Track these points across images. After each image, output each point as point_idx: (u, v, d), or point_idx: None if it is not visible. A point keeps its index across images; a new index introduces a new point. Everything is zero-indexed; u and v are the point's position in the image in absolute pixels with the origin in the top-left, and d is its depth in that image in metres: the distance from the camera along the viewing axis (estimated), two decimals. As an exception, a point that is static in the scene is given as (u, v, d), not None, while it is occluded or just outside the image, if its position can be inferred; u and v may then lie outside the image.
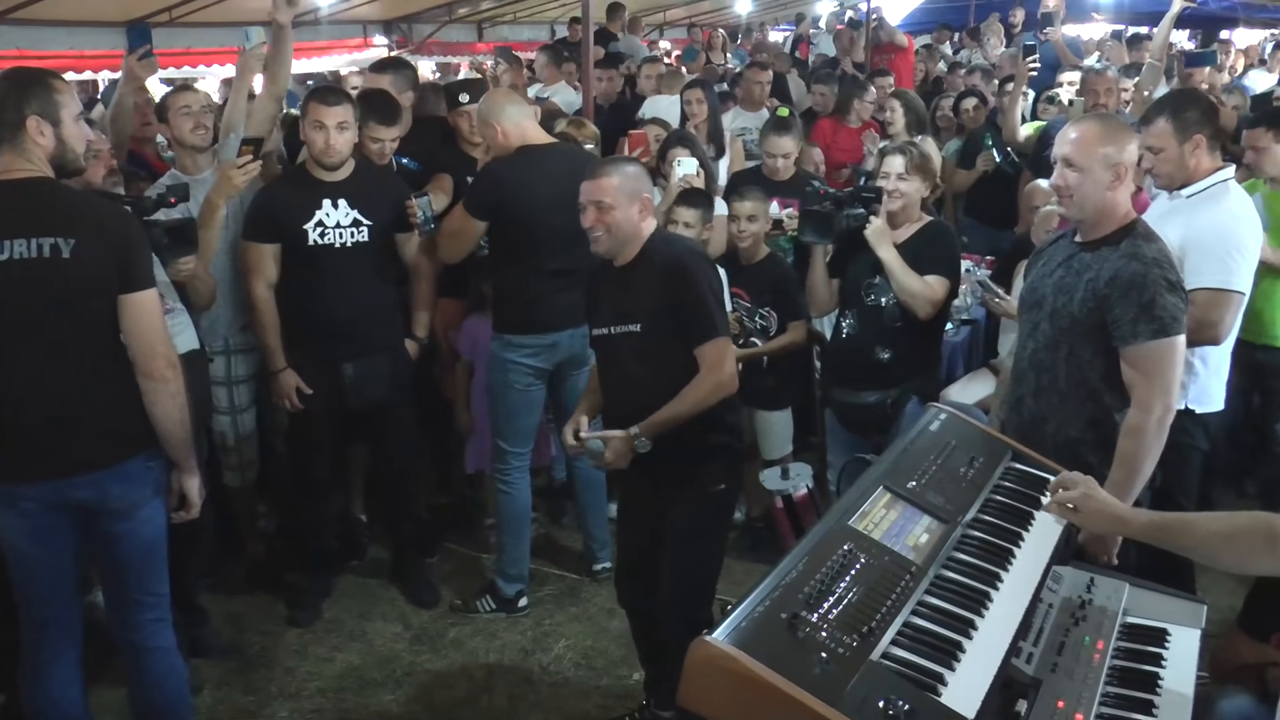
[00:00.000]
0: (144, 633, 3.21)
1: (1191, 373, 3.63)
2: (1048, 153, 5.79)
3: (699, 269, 3.31)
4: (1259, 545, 2.16)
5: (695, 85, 6.53)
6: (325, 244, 4.21)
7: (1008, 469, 2.70)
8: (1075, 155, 3.06)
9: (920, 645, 1.93)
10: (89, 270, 2.89)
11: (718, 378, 3.25)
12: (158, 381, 3.01)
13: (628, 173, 3.37)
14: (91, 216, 2.97)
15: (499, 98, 4.43)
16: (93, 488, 3.01)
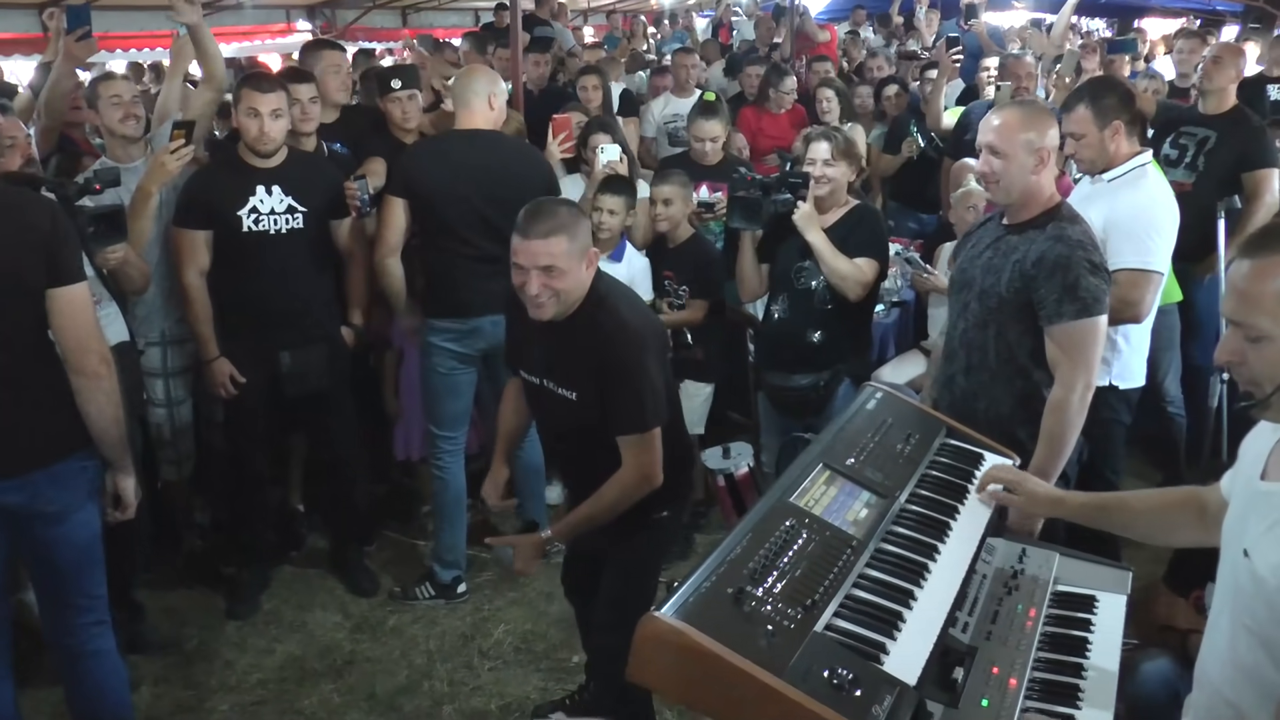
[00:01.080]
0: (82, 636, 3.10)
1: (1115, 350, 3.75)
2: (968, 137, 5.97)
3: (632, 350, 2.95)
4: (1189, 518, 2.29)
5: (592, 72, 6.58)
6: (260, 231, 4.17)
7: (943, 445, 2.77)
8: (998, 142, 3.15)
9: (862, 616, 1.98)
10: (11, 264, 2.75)
11: (641, 472, 2.97)
12: (90, 379, 2.88)
13: (573, 226, 2.95)
14: (19, 213, 2.83)
15: (469, 71, 4.41)
16: (22, 491, 2.88)
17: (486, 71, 4.45)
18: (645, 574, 3.25)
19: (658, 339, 3.16)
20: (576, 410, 3.04)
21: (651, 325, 3.17)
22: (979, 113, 6.16)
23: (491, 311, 4.27)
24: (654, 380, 2.97)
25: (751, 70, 7.82)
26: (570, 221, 2.95)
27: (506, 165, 4.25)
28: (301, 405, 4.44)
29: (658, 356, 3.06)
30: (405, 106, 4.90)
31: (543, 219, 2.93)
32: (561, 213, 2.99)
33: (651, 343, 3.05)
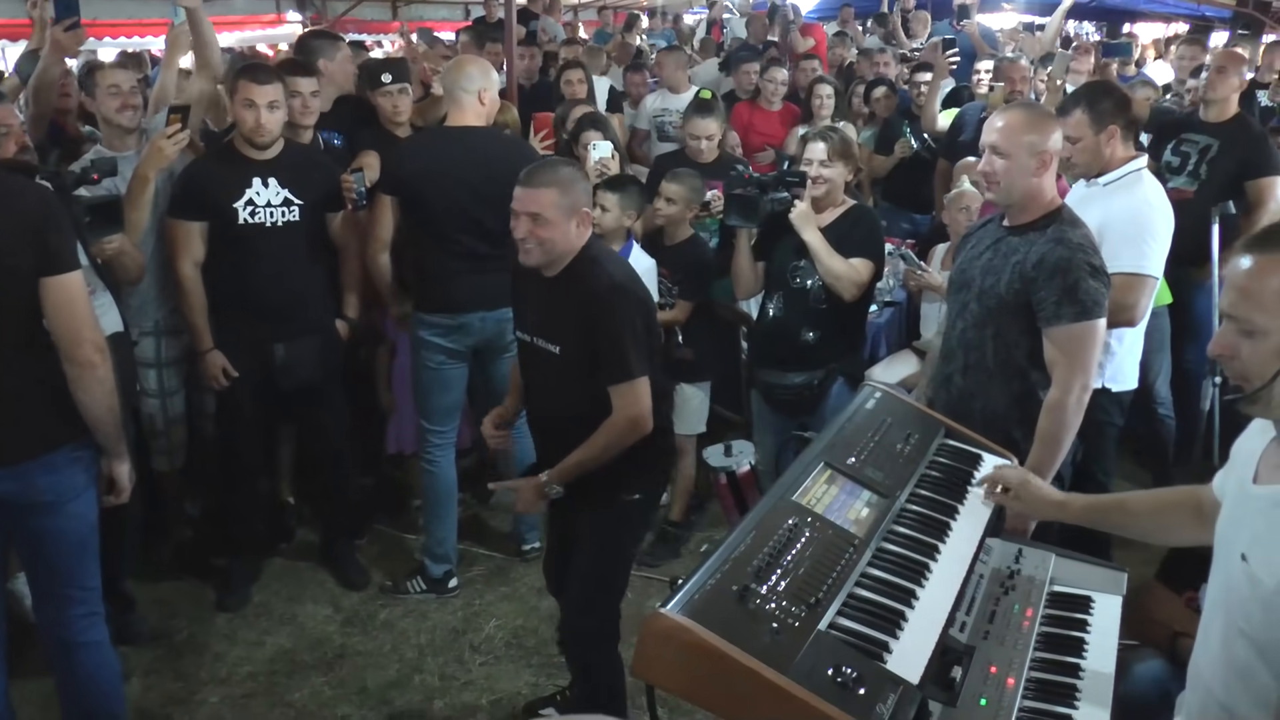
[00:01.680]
0: (75, 628, 3.09)
1: (1108, 353, 3.77)
2: (962, 138, 6.00)
3: (621, 305, 3.09)
4: (1187, 518, 2.31)
5: (575, 65, 6.58)
6: (255, 223, 4.16)
7: (941, 445, 2.78)
8: (1001, 143, 3.16)
9: (865, 615, 1.99)
10: (9, 252, 2.73)
11: (630, 418, 3.09)
12: (84, 368, 2.86)
13: (568, 184, 3.10)
14: (9, 196, 2.81)
15: (462, 64, 4.35)
16: (15, 481, 2.87)
17: (478, 64, 4.42)
18: (615, 556, 3.37)
19: (645, 305, 3.22)
20: (558, 366, 3.18)
21: (641, 293, 3.23)
22: (973, 114, 6.20)
23: (480, 308, 4.27)
24: (639, 335, 3.10)
25: (746, 67, 7.83)
26: (567, 179, 3.13)
27: (497, 163, 4.18)
28: (294, 397, 4.43)
29: (644, 319, 3.16)
30: (396, 100, 4.89)
31: (541, 172, 3.14)
32: (561, 170, 3.18)
33: (638, 306, 3.15)
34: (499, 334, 4.34)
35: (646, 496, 3.39)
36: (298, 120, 4.49)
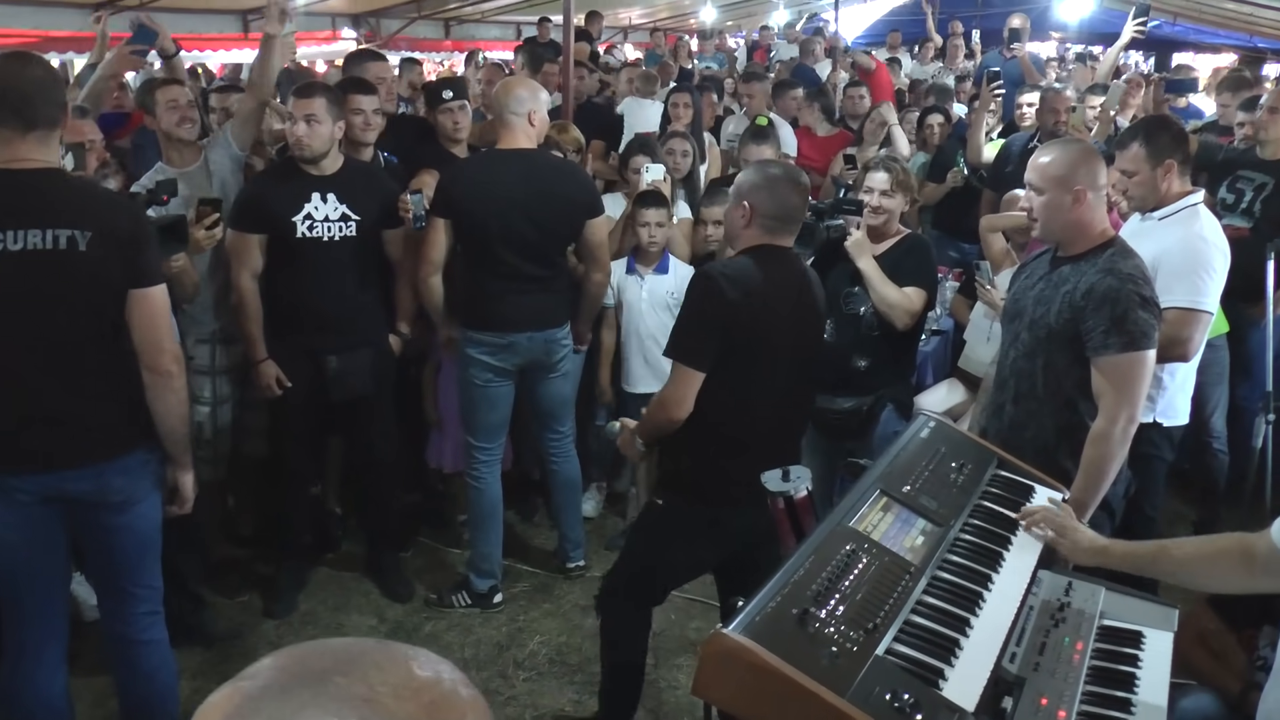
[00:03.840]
0: (138, 625, 3.19)
1: (1160, 387, 3.77)
2: (1008, 169, 5.99)
3: (700, 287, 3.20)
4: (1236, 567, 2.29)
5: (682, 90, 6.61)
6: (313, 237, 4.23)
7: (994, 475, 2.79)
8: (1036, 180, 3.21)
9: (921, 641, 2.01)
10: (103, 263, 2.87)
11: (663, 397, 3.24)
12: (163, 376, 3.00)
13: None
14: (106, 210, 2.95)
15: (513, 86, 4.38)
16: (91, 481, 2.99)
17: (527, 85, 4.48)
18: (633, 549, 3.59)
19: (731, 305, 3.12)
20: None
21: (730, 291, 3.13)
22: (1018, 145, 6.20)
23: (529, 327, 4.33)
24: (696, 322, 3.19)
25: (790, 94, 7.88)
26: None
27: (548, 185, 4.28)
28: (344, 409, 4.49)
29: (716, 310, 3.13)
30: (457, 117, 4.96)
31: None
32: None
33: (717, 299, 3.12)
34: (546, 353, 4.40)
35: (674, 509, 3.37)
36: (358, 137, 4.56)
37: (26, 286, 2.83)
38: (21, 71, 2.86)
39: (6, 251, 2.79)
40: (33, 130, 2.83)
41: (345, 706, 0.85)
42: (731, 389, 3.19)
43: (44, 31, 8.64)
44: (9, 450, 2.92)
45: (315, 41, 11.57)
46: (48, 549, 3.05)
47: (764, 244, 3.23)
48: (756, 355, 3.19)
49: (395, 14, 12.96)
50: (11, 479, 2.93)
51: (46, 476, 2.95)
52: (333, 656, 0.91)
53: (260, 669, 0.91)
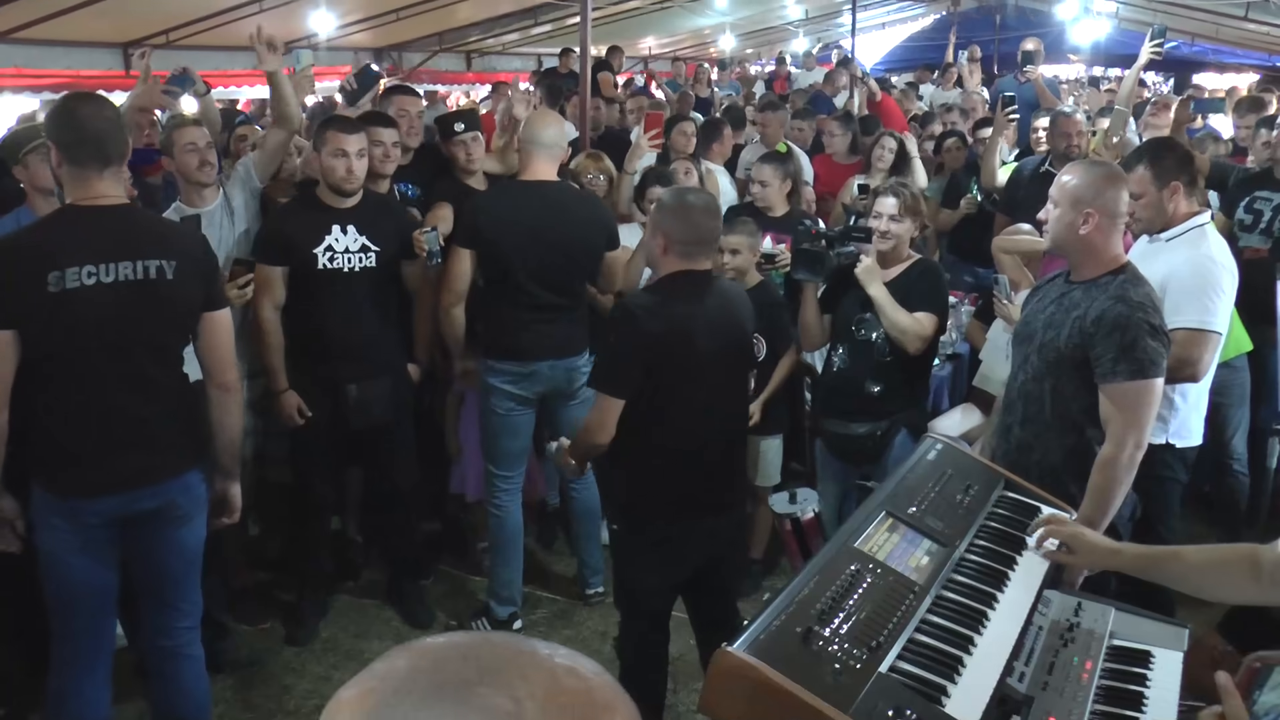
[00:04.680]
0: (182, 639, 3.33)
1: (1172, 408, 3.78)
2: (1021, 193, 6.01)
3: (618, 320, 3.40)
4: (1243, 575, 2.30)
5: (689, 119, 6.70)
6: (334, 268, 4.30)
7: (1001, 497, 2.81)
8: (1055, 193, 3.26)
9: (925, 659, 2.04)
10: (186, 290, 3.10)
11: (587, 423, 3.42)
12: (231, 393, 3.29)
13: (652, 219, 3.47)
14: (184, 240, 3.21)
15: (538, 120, 4.48)
16: (159, 498, 3.16)
17: (550, 117, 4.56)
18: (618, 579, 3.74)
19: (648, 336, 3.28)
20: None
21: (646, 324, 3.29)
22: (1030, 168, 6.22)
23: (550, 355, 4.39)
24: (616, 354, 3.36)
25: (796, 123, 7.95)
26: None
27: (569, 216, 4.35)
28: (364, 437, 4.55)
29: (642, 343, 3.28)
30: (470, 149, 5.03)
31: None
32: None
33: (635, 328, 3.29)
34: (567, 381, 4.45)
35: (627, 532, 3.54)
36: (377, 169, 4.63)
37: (117, 315, 3.01)
38: (98, 113, 3.04)
39: (100, 284, 2.96)
40: (108, 168, 3.02)
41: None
42: (663, 411, 3.34)
43: (76, 71, 8.82)
44: (93, 476, 3.08)
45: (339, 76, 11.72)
46: (103, 568, 3.18)
47: (680, 270, 3.35)
48: (683, 377, 3.33)
49: (418, 47, 13.15)
50: (87, 503, 3.09)
51: (121, 498, 3.11)
52: (476, 663, 0.87)
53: (394, 670, 0.87)
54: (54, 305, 2.92)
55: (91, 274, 2.94)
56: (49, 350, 2.99)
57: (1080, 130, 6.12)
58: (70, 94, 3.27)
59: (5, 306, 2.92)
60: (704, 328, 3.35)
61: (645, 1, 13.19)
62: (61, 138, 3.00)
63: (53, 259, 2.92)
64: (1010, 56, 11.79)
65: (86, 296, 2.94)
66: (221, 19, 9.29)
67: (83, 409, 3.05)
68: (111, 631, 3.33)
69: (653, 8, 13.91)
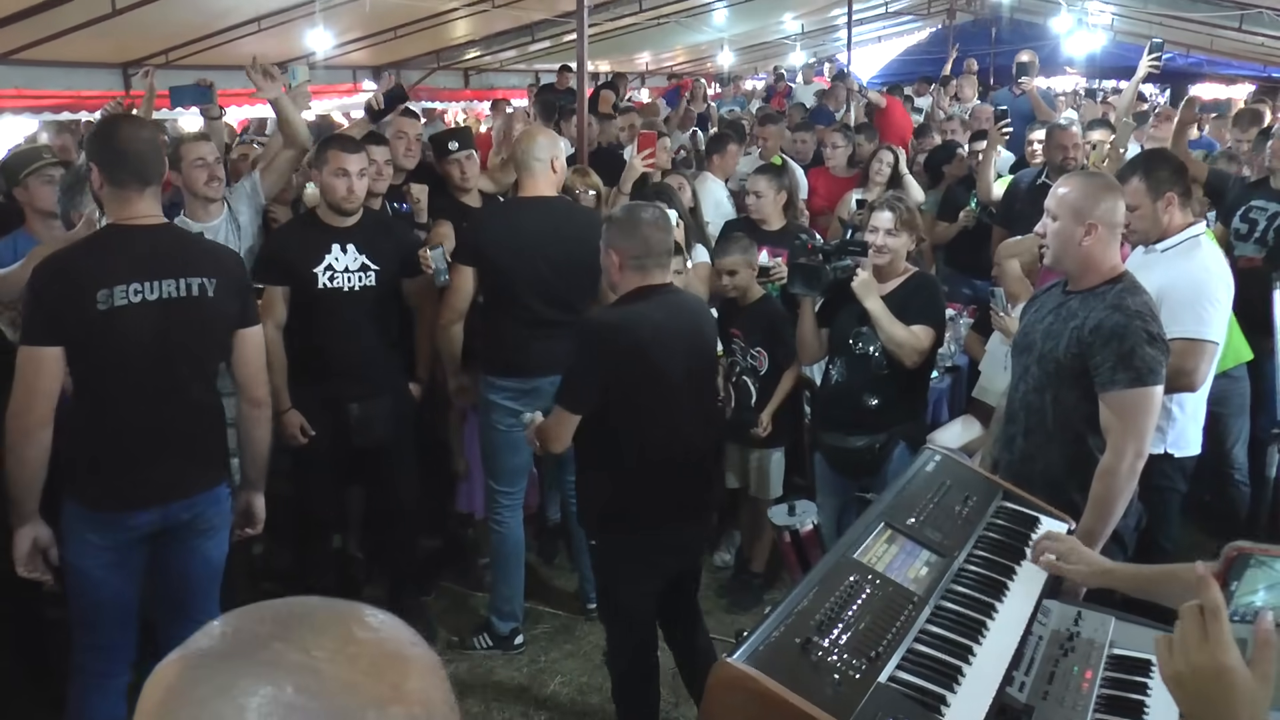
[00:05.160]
0: None
1: (1170, 418, 3.80)
2: (1018, 206, 6.04)
3: (581, 340, 3.45)
4: None
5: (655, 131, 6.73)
6: (334, 287, 4.31)
7: (999, 508, 2.83)
8: (1054, 207, 3.27)
9: (924, 669, 2.05)
10: (225, 307, 3.19)
11: (544, 432, 3.46)
12: (262, 407, 3.39)
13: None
14: (223, 258, 3.29)
15: (534, 136, 4.48)
16: (190, 510, 3.23)
17: (546, 133, 4.59)
18: (603, 598, 3.80)
19: (613, 346, 3.36)
20: None
21: (623, 338, 3.35)
22: (1026, 181, 6.25)
23: (552, 371, 4.36)
24: (579, 372, 3.40)
25: (798, 135, 7.99)
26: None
27: (571, 232, 4.36)
28: (366, 455, 4.55)
29: (605, 362, 3.34)
30: (464, 166, 5.08)
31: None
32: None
33: (598, 348, 3.37)
34: None
35: (601, 545, 3.58)
36: (370, 187, 4.62)
37: (161, 332, 3.08)
38: (138, 134, 3.14)
39: (145, 301, 3.04)
40: (148, 188, 3.11)
41: (281, 674, 0.83)
42: (634, 423, 3.39)
43: (76, 92, 8.87)
44: (129, 490, 3.13)
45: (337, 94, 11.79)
46: (129, 582, 3.23)
47: (640, 285, 3.39)
48: (651, 390, 3.38)
49: (416, 65, 13.20)
50: (123, 516, 3.14)
51: (157, 511, 3.17)
52: (273, 620, 0.88)
53: (208, 633, 0.89)
54: (102, 323, 3.00)
55: (138, 291, 3.03)
56: (94, 367, 3.07)
57: (1076, 142, 6.15)
58: (110, 115, 3.40)
59: (55, 324, 3.00)
60: (667, 339, 3.39)
61: (642, 18, 13.23)
62: (103, 159, 3.09)
63: (101, 277, 3.00)
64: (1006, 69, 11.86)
65: (133, 314, 3.02)
66: (220, 38, 9.34)
67: (123, 423, 3.11)
68: (132, 643, 3.33)
69: (650, 24, 13.97)
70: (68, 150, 6.62)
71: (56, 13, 7.46)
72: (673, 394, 3.41)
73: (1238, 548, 1.64)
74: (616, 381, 3.32)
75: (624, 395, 3.34)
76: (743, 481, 4.93)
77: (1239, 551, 1.63)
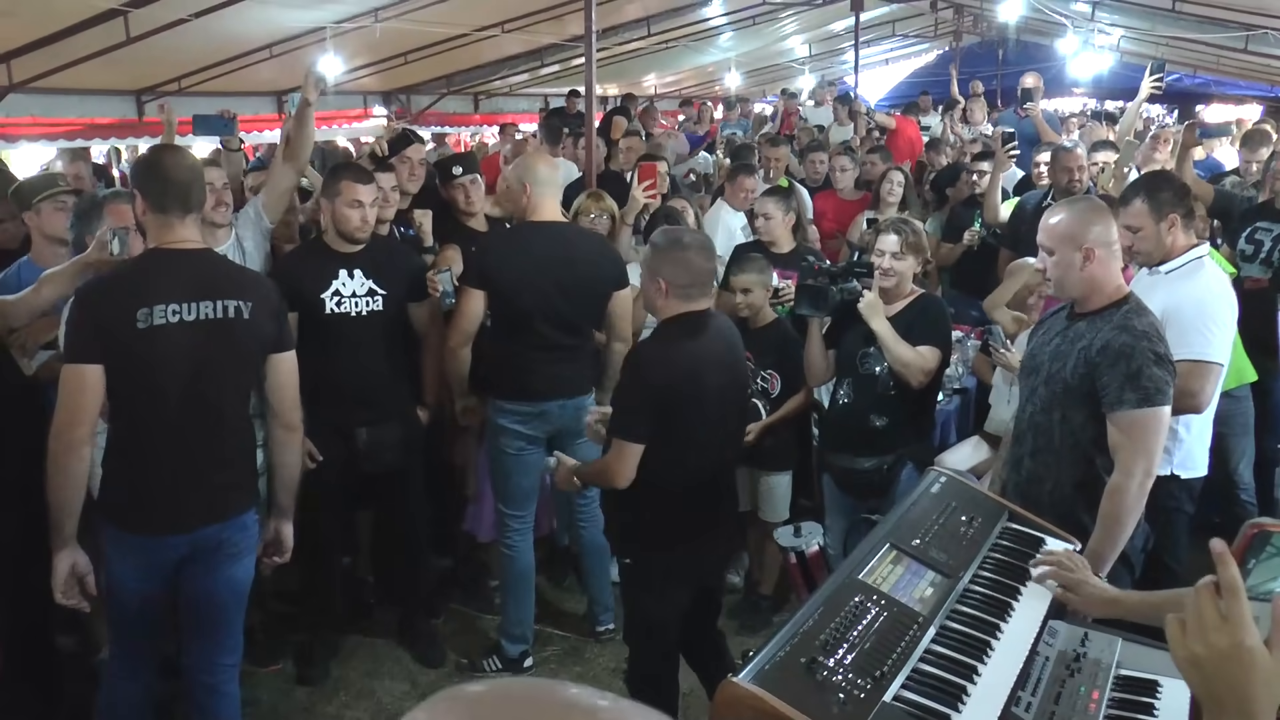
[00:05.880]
0: (223, 675, 3.42)
1: (1176, 439, 3.81)
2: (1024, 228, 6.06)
3: (628, 373, 3.50)
4: None
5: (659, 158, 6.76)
6: (342, 313, 4.34)
7: (1005, 529, 2.84)
8: (1047, 240, 3.28)
9: (928, 689, 2.06)
10: (260, 330, 3.24)
11: (607, 468, 3.46)
12: (295, 431, 3.43)
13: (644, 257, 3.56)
14: (258, 283, 3.36)
15: (536, 162, 4.51)
16: (219, 534, 3.27)
17: (544, 159, 4.62)
18: (630, 612, 3.74)
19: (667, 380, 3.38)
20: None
21: (656, 376, 3.40)
22: (1032, 203, 6.27)
23: (560, 395, 4.42)
24: (631, 402, 3.42)
25: (812, 156, 8.04)
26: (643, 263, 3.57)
27: (578, 256, 4.41)
28: (376, 480, 4.57)
29: (653, 394, 3.37)
30: (469, 191, 5.11)
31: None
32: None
33: (645, 380, 3.41)
34: (575, 419, 4.48)
35: (638, 563, 3.60)
36: (378, 214, 4.68)
37: (197, 353, 3.14)
38: (180, 163, 3.25)
39: (183, 322, 3.11)
40: (189, 214, 3.20)
41: None
42: (676, 447, 3.41)
43: (91, 119, 8.98)
44: (161, 515, 3.21)
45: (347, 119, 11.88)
46: (159, 596, 3.31)
47: (684, 312, 3.43)
48: (695, 415, 3.42)
49: (425, 90, 13.32)
50: (154, 540, 3.22)
51: (188, 537, 3.23)
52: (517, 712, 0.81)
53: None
54: (141, 341, 3.07)
55: (175, 312, 3.10)
56: (131, 387, 3.14)
57: (1081, 165, 6.17)
58: (155, 146, 3.52)
59: (97, 342, 3.07)
60: (711, 366, 3.46)
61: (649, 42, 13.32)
62: (148, 187, 3.19)
63: (141, 297, 3.09)
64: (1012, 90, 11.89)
65: (170, 333, 3.10)
66: (232, 65, 9.45)
67: (158, 446, 3.19)
68: (155, 652, 3.45)
69: (657, 47, 14.06)
70: (81, 179, 6.69)
71: (72, 41, 7.56)
72: (714, 417, 3.48)
73: (1258, 524, 1.62)
74: (665, 407, 3.36)
75: (671, 419, 3.37)
76: (751, 504, 4.94)
77: (1259, 529, 1.62)
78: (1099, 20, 13.45)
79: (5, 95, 8.09)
